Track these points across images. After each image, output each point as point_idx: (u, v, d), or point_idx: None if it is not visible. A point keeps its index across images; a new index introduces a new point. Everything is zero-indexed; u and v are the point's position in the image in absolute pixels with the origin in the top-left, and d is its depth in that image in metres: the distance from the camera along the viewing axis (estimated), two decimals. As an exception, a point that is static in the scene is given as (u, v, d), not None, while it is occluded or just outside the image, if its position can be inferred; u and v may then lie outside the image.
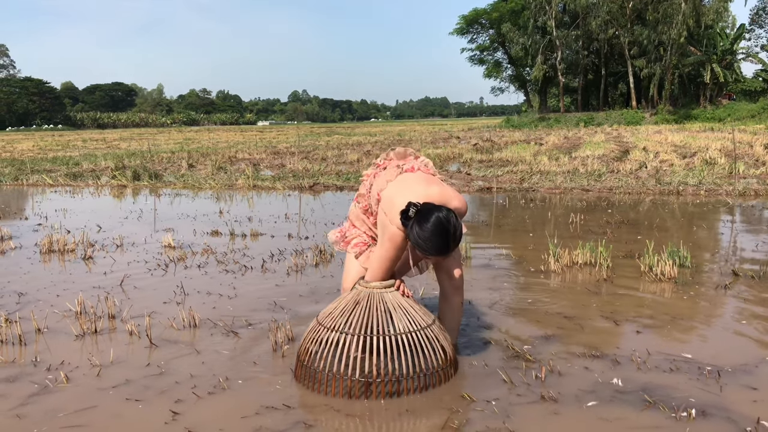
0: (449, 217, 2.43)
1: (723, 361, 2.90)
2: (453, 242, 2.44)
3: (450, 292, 2.99)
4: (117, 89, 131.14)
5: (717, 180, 9.71)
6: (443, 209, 2.46)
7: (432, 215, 2.42)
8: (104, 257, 5.42)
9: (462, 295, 3.02)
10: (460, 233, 2.48)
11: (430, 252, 2.46)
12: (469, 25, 58.48)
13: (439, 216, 2.42)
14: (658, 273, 4.44)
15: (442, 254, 2.47)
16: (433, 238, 2.40)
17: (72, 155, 20.28)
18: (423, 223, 2.41)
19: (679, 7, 40.96)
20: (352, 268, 2.98)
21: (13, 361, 3.08)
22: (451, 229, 2.42)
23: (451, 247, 2.46)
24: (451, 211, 2.47)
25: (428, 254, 2.48)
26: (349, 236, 3.02)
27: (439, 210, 2.44)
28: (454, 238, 2.44)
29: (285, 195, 9.86)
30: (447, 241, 2.42)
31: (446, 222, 2.41)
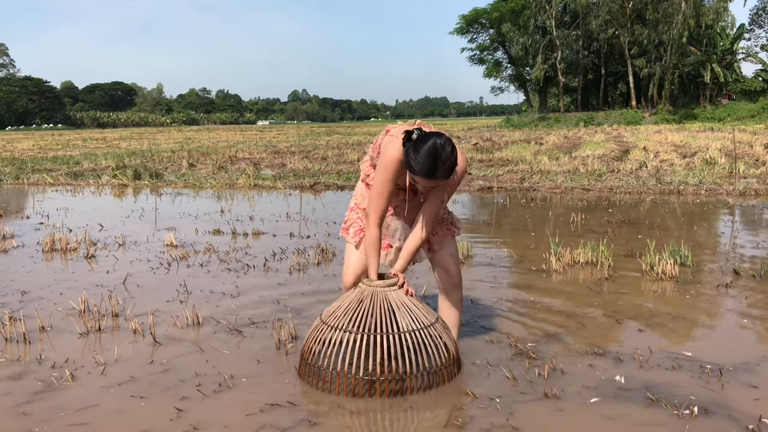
0: (445, 145, 2.46)
1: (724, 360, 2.91)
2: (441, 168, 2.45)
3: (448, 289, 3.00)
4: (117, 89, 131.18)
5: (717, 180, 9.73)
6: (443, 137, 2.50)
7: (430, 139, 2.47)
8: (106, 256, 5.43)
9: (461, 292, 3.03)
10: (450, 165, 2.48)
11: (416, 170, 2.47)
12: (469, 25, 58.50)
13: (437, 141, 2.47)
14: (659, 272, 4.45)
15: (427, 177, 2.47)
16: (424, 159, 2.44)
17: (72, 154, 20.29)
18: (420, 145, 2.47)
19: (679, 7, 41.00)
20: (352, 260, 2.97)
21: (17, 359, 3.10)
22: (443, 155, 2.45)
23: (438, 173, 2.46)
24: (450, 142, 2.49)
25: (415, 173, 2.49)
26: (349, 221, 3.01)
27: (439, 137, 2.49)
28: (443, 165, 2.45)
29: (286, 194, 9.87)
30: (436, 164, 2.44)
31: (440, 148, 2.45)
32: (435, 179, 2.49)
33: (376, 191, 2.68)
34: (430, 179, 2.49)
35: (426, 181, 2.52)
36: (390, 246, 2.94)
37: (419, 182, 2.56)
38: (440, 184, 2.58)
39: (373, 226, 2.71)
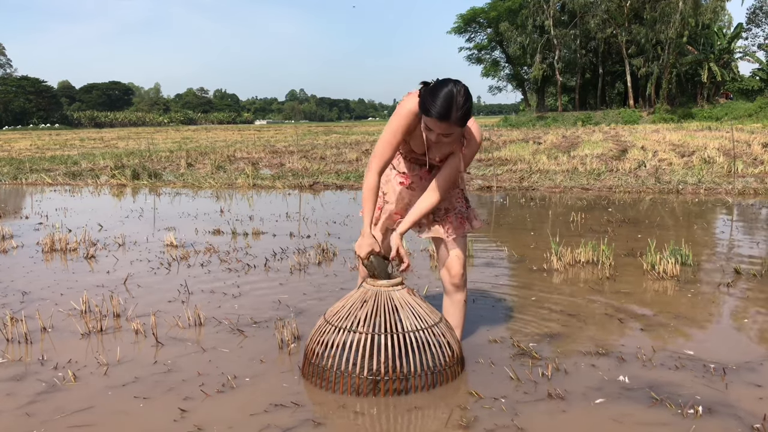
0: (461, 90, 2.47)
1: (727, 359, 2.92)
2: (455, 110, 2.44)
3: (451, 289, 3.01)
4: (114, 88, 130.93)
5: (716, 179, 9.75)
6: (460, 84, 2.50)
7: (448, 84, 2.48)
8: (106, 256, 5.42)
9: (464, 293, 3.03)
10: (465, 112, 2.48)
11: (431, 111, 2.46)
12: (467, 24, 58.60)
13: (453, 86, 2.47)
14: (660, 271, 4.46)
15: (440, 119, 2.45)
16: (439, 101, 2.44)
17: (70, 154, 20.26)
18: (436, 88, 2.48)
19: (676, 6, 41.08)
20: None
21: (20, 359, 3.09)
22: (459, 99, 2.45)
23: (452, 116, 2.45)
24: (467, 90, 2.50)
25: (429, 115, 2.47)
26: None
27: (456, 84, 2.49)
28: (458, 108, 2.45)
29: (285, 194, 9.87)
30: (450, 105, 2.44)
31: (456, 92, 2.45)
32: (449, 122, 2.46)
33: (384, 139, 2.70)
34: (444, 121, 2.46)
35: (440, 125, 2.49)
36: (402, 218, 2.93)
37: (433, 129, 2.52)
38: (454, 133, 2.54)
39: (374, 173, 2.71)
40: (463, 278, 2.98)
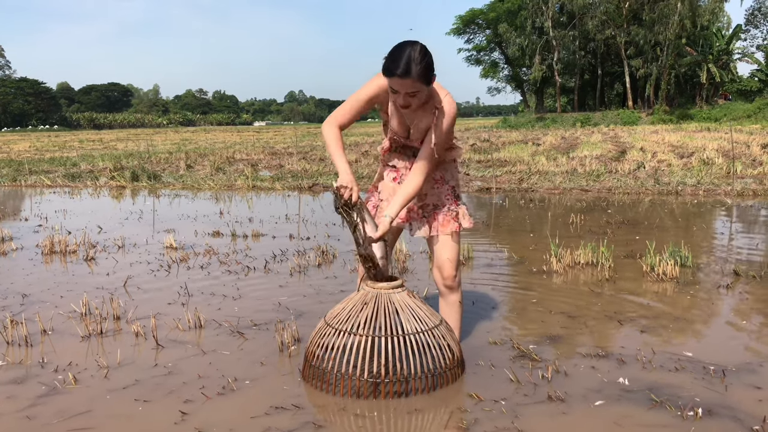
0: (418, 48, 2.47)
1: (727, 361, 2.92)
2: (414, 66, 2.44)
3: (444, 291, 3.00)
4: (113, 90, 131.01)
5: (715, 180, 9.76)
6: (417, 43, 2.51)
7: (406, 45, 2.50)
8: (106, 258, 5.42)
9: (458, 294, 3.02)
10: (425, 66, 2.47)
11: (391, 69, 2.46)
12: (466, 26, 58.67)
13: (410, 47, 2.48)
14: (659, 273, 4.46)
15: (401, 76, 2.45)
16: (398, 59, 2.46)
17: (69, 156, 20.25)
18: (395, 50, 2.50)
19: (675, 8, 41.11)
20: None
21: (20, 362, 3.09)
22: (416, 56, 2.45)
23: (412, 70, 2.44)
24: (423, 47, 2.50)
25: (391, 73, 2.47)
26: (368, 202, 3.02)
27: (414, 44, 2.50)
28: (416, 62, 2.44)
29: (284, 195, 9.87)
30: (409, 63, 2.43)
31: (413, 50, 2.46)
32: (410, 78, 2.45)
33: (347, 103, 2.74)
34: (405, 77, 2.45)
35: (402, 83, 2.47)
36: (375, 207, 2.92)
37: (399, 89, 2.51)
38: (421, 93, 2.53)
39: (332, 125, 2.71)
40: (455, 280, 2.96)
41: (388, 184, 2.94)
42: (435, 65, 2.55)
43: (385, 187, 2.95)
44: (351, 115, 2.75)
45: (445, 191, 2.92)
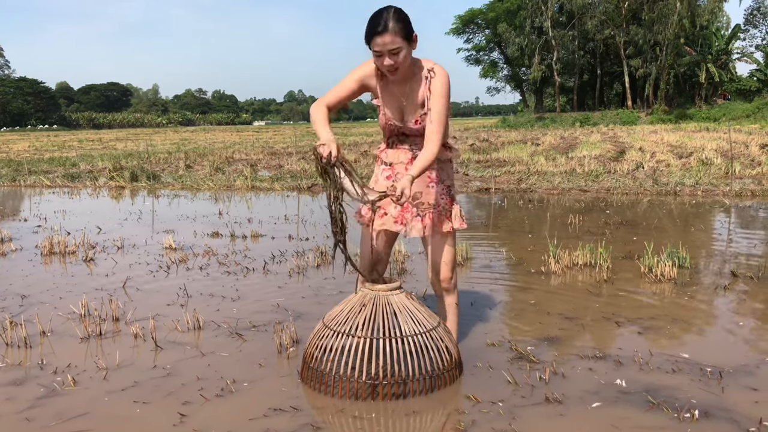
0: (392, 8, 2.57)
1: (724, 362, 2.93)
2: (391, 21, 2.52)
3: (440, 293, 3.01)
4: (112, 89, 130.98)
5: (713, 180, 9.77)
6: (392, 6, 2.60)
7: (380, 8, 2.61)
8: (105, 259, 5.43)
9: (455, 295, 3.02)
10: (401, 19, 2.54)
11: (371, 30, 2.55)
12: (465, 26, 58.73)
13: (384, 7, 2.59)
14: (657, 274, 4.47)
15: (381, 31, 2.52)
16: (375, 20, 2.55)
17: (68, 156, 20.26)
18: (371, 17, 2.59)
19: (674, 8, 41.14)
20: (364, 250, 2.99)
21: (19, 363, 3.10)
22: (391, 14, 2.54)
23: (389, 25, 2.52)
24: (397, 7, 2.58)
25: (371, 34, 2.55)
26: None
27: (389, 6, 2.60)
28: (392, 20, 2.52)
29: (283, 196, 9.88)
30: (387, 20, 2.52)
31: (385, 9, 2.56)
32: (388, 32, 2.52)
33: (339, 83, 2.79)
34: (384, 33, 2.52)
35: (382, 39, 2.53)
36: (386, 213, 2.89)
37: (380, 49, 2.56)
38: (402, 48, 2.56)
39: (320, 105, 2.74)
40: (451, 282, 2.97)
41: (382, 182, 2.92)
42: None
43: (379, 186, 2.93)
44: (340, 95, 2.77)
45: (440, 190, 2.89)
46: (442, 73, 2.70)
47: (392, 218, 2.88)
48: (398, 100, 2.77)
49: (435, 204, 2.88)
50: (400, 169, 2.88)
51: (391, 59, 2.58)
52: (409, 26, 2.58)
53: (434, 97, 2.68)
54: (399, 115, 2.80)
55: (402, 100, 2.76)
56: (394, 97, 2.77)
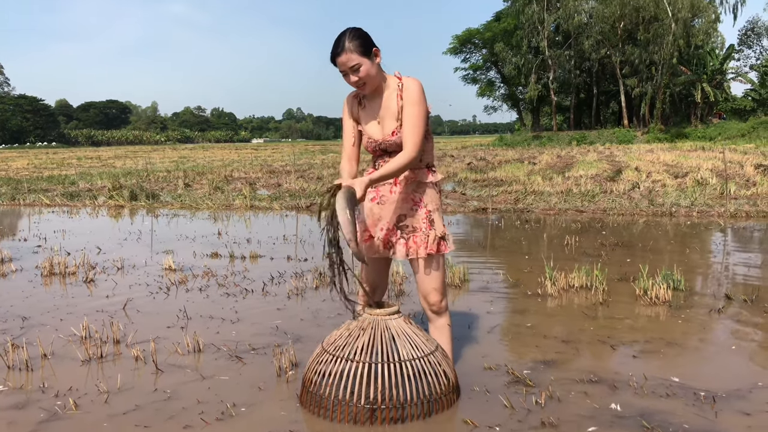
0: (348, 29, 2.73)
1: (717, 386, 2.97)
2: (347, 40, 2.69)
3: (432, 316, 3.02)
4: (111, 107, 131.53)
5: (709, 201, 9.85)
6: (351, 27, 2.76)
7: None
8: (105, 280, 5.47)
9: (446, 317, 3.02)
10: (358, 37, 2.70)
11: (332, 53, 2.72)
12: (462, 45, 59.22)
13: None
14: (652, 296, 4.52)
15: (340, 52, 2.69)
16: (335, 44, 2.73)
17: (68, 174, 20.31)
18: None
19: (669, 28, 41.58)
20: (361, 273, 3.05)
21: (20, 387, 3.13)
22: (347, 34, 2.70)
23: (346, 44, 2.68)
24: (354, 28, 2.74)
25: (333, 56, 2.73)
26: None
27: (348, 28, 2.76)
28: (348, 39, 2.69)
29: (282, 215, 9.93)
30: (342, 39, 2.70)
31: (344, 31, 2.73)
32: (346, 52, 2.68)
33: (343, 130, 3.00)
34: (343, 53, 2.69)
35: (342, 58, 2.69)
36: (372, 237, 2.93)
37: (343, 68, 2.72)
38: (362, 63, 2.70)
39: (343, 159, 2.96)
40: (442, 304, 2.97)
41: (367, 204, 2.95)
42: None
43: (365, 209, 2.96)
44: (349, 140, 2.94)
45: (422, 215, 2.89)
46: (413, 82, 2.81)
47: (380, 242, 2.91)
48: (376, 115, 2.88)
49: (418, 228, 2.88)
50: (385, 191, 2.90)
51: (354, 75, 2.73)
52: (367, 42, 2.72)
53: (406, 106, 2.78)
54: (378, 131, 2.88)
55: (378, 113, 2.87)
56: (372, 114, 2.89)
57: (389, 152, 2.88)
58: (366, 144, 2.94)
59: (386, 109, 2.83)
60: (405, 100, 2.77)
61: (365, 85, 2.76)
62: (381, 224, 2.90)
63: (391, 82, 2.84)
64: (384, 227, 2.89)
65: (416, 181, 2.87)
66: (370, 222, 2.94)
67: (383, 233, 2.89)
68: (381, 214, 2.91)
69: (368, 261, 2.95)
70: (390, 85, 2.84)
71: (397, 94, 2.80)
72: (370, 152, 2.98)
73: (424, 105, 2.79)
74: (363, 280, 3.02)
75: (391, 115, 2.82)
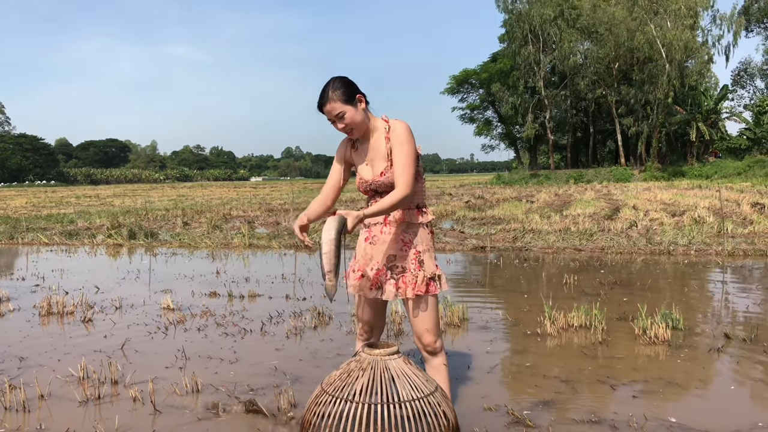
0: (333, 79, 2.83)
1: (716, 427, 2.96)
2: (331, 91, 2.78)
3: (427, 357, 3.00)
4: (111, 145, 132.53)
5: (706, 239, 9.89)
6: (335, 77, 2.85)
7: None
8: (104, 320, 5.46)
9: (442, 356, 3.01)
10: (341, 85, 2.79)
11: (318, 103, 2.82)
12: (460, 85, 60.02)
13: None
14: (651, 336, 4.52)
15: (325, 102, 2.79)
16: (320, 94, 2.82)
17: (66, 212, 20.35)
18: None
19: (663, 69, 42.26)
20: (358, 312, 3.09)
21: (17, 428, 3.11)
22: (330, 84, 2.80)
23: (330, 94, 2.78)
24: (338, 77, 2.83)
25: (319, 106, 2.83)
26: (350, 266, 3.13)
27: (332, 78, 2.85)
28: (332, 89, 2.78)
29: (281, 254, 9.94)
30: (327, 90, 2.79)
31: (329, 81, 2.82)
32: (331, 101, 2.78)
33: (331, 170, 3.10)
34: (328, 102, 2.79)
35: (329, 107, 2.79)
36: (363, 276, 2.94)
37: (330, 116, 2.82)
38: (346, 111, 2.79)
39: (317, 198, 3.06)
40: (436, 345, 2.95)
41: (360, 244, 3.00)
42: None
43: (359, 248, 3.01)
44: (333, 178, 3.05)
45: (412, 255, 2.90)
46: (400, 124, 2.88)
47: (370, 282, 2.92)
48: (366, 158, 2.95)
49: (407, 268, 2.89)
50: (376, 231, 2.93)
51: (340, 123, 2.83)
52: (350, 89, 2.82)
53: (395, 146, 2.83)
54: (368, 172, 2.94)
55: (370, 154, 2.93)
56: (363, 156, 2.97)
57: (380, 192, 2.92)
58: (358, 185, 3.01)
59: (375, 150, 2.90)
60: (393, 141, 2.83)
61: (352, 130, 2.86)
62: (372, 264, 2.93)
63: (379, 125, 2.92)
64: (374, 267, 2.92)
65: (406, 221, 2.90)
66: (363, 262, 2.97)
67: (373, 273, 2.92)
68: (372, 254, 2.94)
69: (364, 300, 3.01)
70: (378, 128, 2.91)
71: (384, 135, 2.88)
72: (363, 193, 3.03)
73: (412, 144, 2.84)
74: (359, 320, 3.05)
75: (380, 156, 2.89)
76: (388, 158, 2.86)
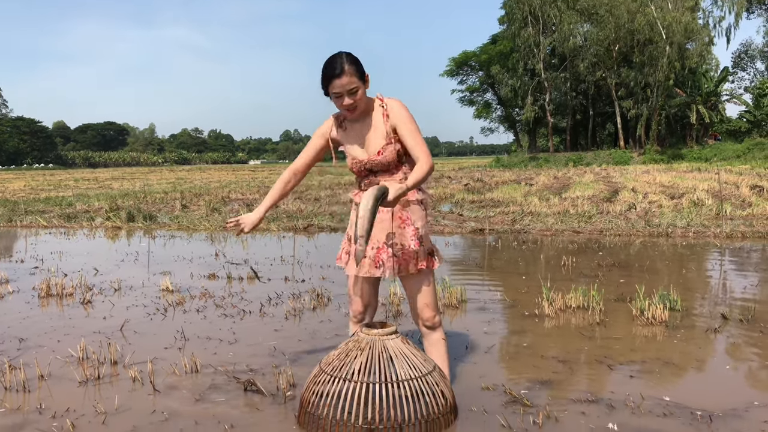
0: (343, 53, 2.76)
1: (714, 406, 2.98)
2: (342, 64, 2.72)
3: (425, 332, 3.05)
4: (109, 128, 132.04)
5: (705, 221, 9.90)
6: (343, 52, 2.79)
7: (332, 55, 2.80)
8: (103, 301, 5.47)
9: (440, 331, 3.04)
10: (349, 61, 2.74)
11: (326, 78, 2.74)
12: (459, 68, 59.75)
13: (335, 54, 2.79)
14: (649, 316, 4.53)
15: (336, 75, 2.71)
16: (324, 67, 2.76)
17: (65, 195, 20.33)
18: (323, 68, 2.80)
19: (663, 51, 42.03)
20: (351, 293, 3.11)
21: (18, 408, 3.12)
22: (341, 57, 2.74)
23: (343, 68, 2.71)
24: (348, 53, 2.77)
25: (327, 81, 2.75)
26: (341, 248, 3.15)
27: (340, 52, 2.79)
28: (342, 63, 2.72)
29: (279, 236, 9.95)
30: (338, 63, 2.72)
31: (338, 55, 2.76)
32: (344, 74, 2.72)
33: (307, 145, 3.10)
34: (341, 76, 2.72)
35: (339, 82, 2.72)
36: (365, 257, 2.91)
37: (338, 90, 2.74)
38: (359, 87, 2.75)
39: (289, 170, 3.09)
40: (435, 319, 2.99)
41: (353, 222, 3.01)
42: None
43: (351, 226, 3.04)
44: (308, 154, 3.07)
45: (410, 232, 2.91)
46: (397, 102, 2.89)
47: (371, 261, 2.92)
48: (361, 137, 2.92)
49: (406, 245, 2.91)
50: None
51: (350, 98, 2.78)
52: (362, 68, 2.79)
53: (400, 125, 2.84)
54: (362, 152, 2.93)
55: (364, 133, 2.91)
56: (355, 136, 2.94)
57: (374, 172, 2.92)
58: (351, 165, 3.00)
59: (375, 129, 2.89)
60: (397, 121, 2.83)
61: (356, 108, 2.82)
62: (372, 243, 2.92)
63: (375, 104, 2.91)
64: (374, 245, 2.92)
65: (404, 199, 2.90)
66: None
67: (374, 252, 2.92)
68: (372, 233, 2.93)
69: (361, 279, 3.04)
70: (374, 107, 2.90)
71: (382, 113, 2.87)
72: (356, 173, 3.02)
73: (414, 120, 2.87)
74: (353, 301, 3.09)
75: (379, 134, 2.87)
76: (387, 136, 2.85)
